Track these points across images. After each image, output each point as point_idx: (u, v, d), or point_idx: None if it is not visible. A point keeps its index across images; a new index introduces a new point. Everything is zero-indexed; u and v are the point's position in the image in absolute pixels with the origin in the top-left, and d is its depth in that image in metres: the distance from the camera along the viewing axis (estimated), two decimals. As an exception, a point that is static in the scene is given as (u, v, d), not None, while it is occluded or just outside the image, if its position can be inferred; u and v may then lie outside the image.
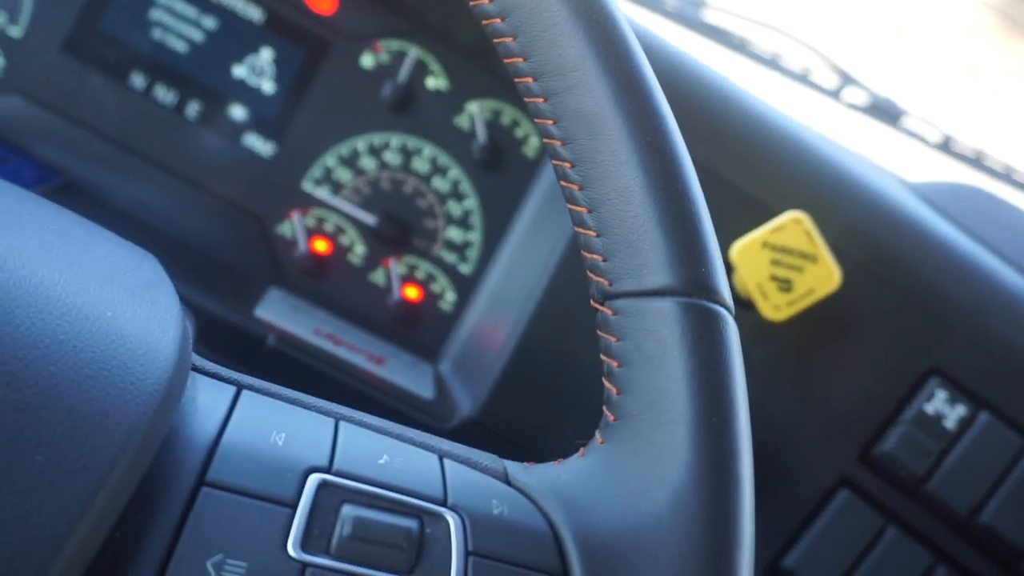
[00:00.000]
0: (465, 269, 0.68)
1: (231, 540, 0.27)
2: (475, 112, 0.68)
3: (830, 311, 0.58)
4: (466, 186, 0.68)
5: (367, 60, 0.68)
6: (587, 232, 0.34)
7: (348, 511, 0.28)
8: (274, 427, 0.30)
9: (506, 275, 0.65)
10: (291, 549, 0.27)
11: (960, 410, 0.57)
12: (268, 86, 0.67)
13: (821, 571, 0.56)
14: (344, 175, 0.68)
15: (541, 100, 0.34)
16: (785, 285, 0.54)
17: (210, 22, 0.66)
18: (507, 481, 0.32)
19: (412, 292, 0.68)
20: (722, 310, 0.32)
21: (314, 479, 0.29)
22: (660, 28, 0.81)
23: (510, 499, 0.31)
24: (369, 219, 0.68)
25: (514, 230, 0.67)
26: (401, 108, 0.68)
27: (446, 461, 0.32)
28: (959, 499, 0.56)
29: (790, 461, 0.58)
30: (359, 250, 0.68)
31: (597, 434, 0.33)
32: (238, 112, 0.67)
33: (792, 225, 0.54)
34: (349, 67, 0.67)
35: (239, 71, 0.67)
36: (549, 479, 0.32)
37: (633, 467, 0.31)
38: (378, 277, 0.68)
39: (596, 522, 0.30)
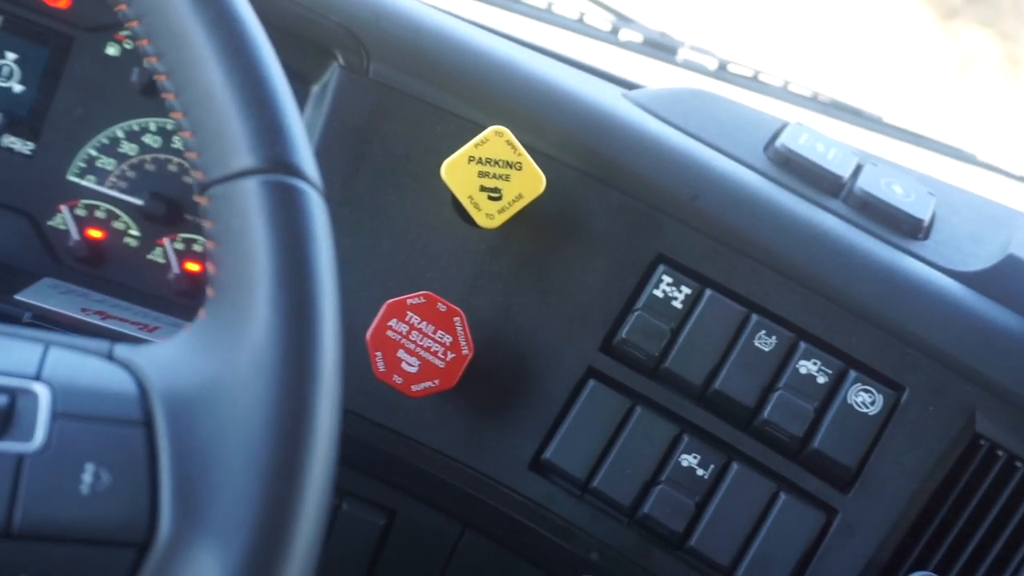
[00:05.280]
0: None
1: None
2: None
3: (558, 217, 0.62)
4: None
5: (112, 49, 0.70)
6: (184, 134, 0.37)
7: None
8: None
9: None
10: None
11: (686, 291, 0.61)
12: (17, 87, 0.70)
13: (579, 457, 0.60)
14: (107, 163, 0.70)
15: (136, 23, 0.38)
16: (495, 194, 0.58)
17: (-50, 32, 0.69)
18: (109, 357, 0.36)
19: (193, 266, 0.71)
20: (299, 182, 0.36)
21: None
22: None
23: (105, 370, 0.35)
24: (137, 201, 0.70)
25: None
26: (153, 91, 0.70)
27: (51, 347, 0.35)
28: (694, 371, 0.61)
29: (538, 361, 0.61)
30: (134, 233, 0.71)
31: (201, 311, 0.36)
32: (-8, 115, 0.69)
33: (494, 137, 0.58)
34: (95, 58, 0.70)
35: (-13, 76, 0.69)
36: (151, 352, 0.36)
37: (221, 330, 0.35)
38: (157, 256, 0.71)
39: (183, 378, 0.34)
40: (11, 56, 0.69)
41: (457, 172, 0.57)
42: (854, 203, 0.65)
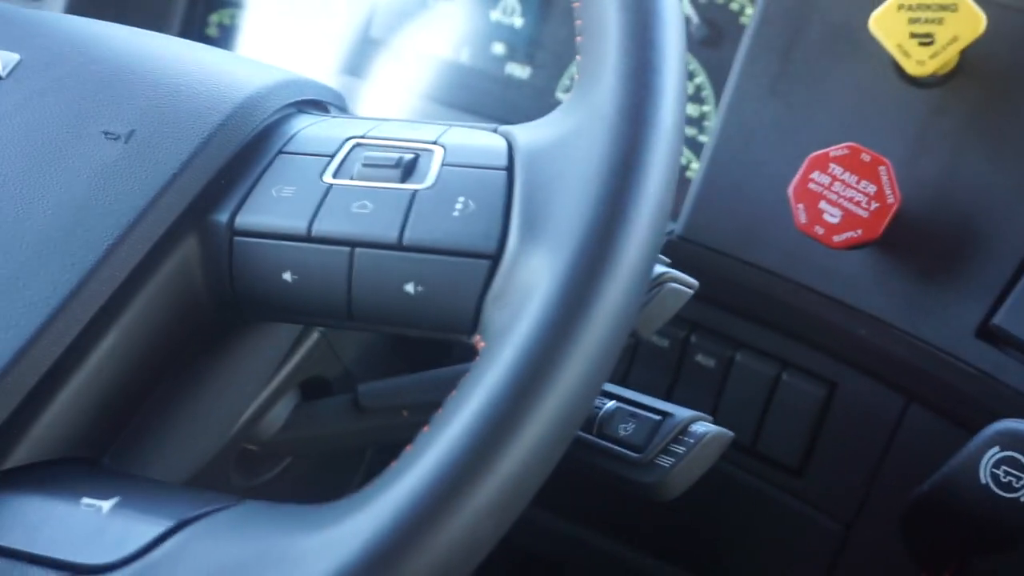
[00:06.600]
0: (704, 138, 0.76)
1: (290, 176, 0.42)
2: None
3: (1012, 70, 0.58)
4: (693, 65, 0.77)
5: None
6: None
7: (365, 153, 0.42)
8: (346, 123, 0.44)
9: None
10: (323, 178, 0.41)
11: None
12: (518, 21, 0.82)
13: (1034, 324, 0.56)
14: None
15: None
16: (926, 39, 0.56)
17: (467, -18, 0.83)
18: (494, 131, 0.43)
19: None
20: None
21: (351, 142, 0.42)
22: None
23: (487, 137, 0.43)
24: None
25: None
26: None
27: (454, 127, 0.43)
28: None
29: (987, 221, 0.57)
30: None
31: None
32: (499, 48, 0.83)
33: (926, -19, 0.56)
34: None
35: (495, 16, 0.83)
36: (525, 125, 0.42)
37: (576, 100, 0.40)
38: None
39: (541, 137, 0.41)
40: (513, -2, 0.82)
41: (886, 22, 0.56)
42: None
